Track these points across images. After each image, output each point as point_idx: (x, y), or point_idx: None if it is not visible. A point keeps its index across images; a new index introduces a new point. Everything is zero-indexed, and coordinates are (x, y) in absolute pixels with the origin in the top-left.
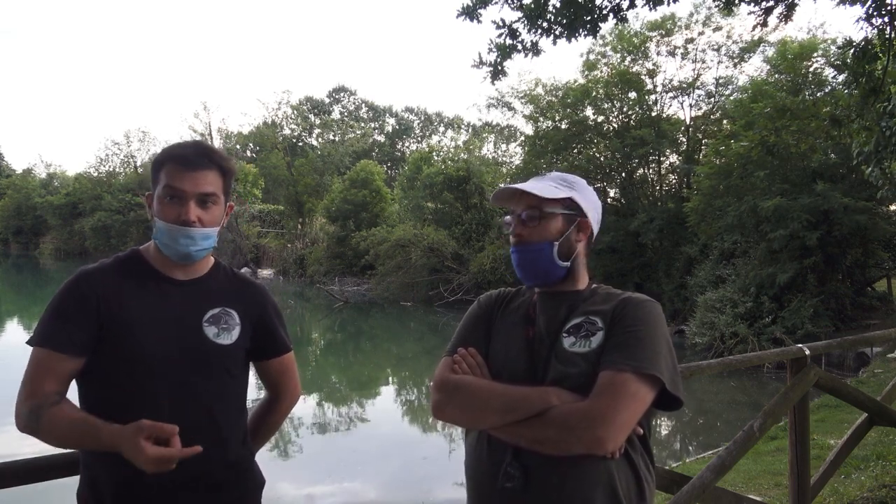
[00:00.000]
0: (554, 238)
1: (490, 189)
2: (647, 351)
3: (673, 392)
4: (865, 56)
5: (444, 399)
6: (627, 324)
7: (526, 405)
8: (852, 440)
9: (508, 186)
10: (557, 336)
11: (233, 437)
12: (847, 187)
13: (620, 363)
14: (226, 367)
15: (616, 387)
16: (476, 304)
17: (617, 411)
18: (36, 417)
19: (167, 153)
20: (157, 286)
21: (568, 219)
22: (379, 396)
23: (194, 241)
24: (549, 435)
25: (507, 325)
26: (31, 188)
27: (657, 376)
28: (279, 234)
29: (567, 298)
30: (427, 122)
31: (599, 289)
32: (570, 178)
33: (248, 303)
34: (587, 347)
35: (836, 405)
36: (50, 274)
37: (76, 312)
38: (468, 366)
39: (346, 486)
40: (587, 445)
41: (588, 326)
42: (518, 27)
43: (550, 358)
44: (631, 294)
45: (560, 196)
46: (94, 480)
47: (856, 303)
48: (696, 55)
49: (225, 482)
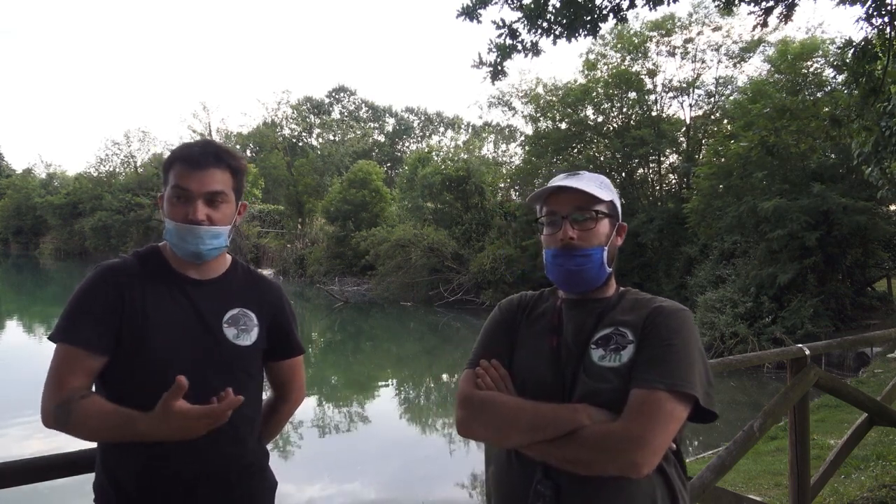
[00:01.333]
0: (604, 242)
1: (490, 189)
2: (681, 366)
3: (707, 407)
4: (865, 56)
5: (469, 416)
6: (660, 337)
7: (555, 424)
8: (852, 440)
9: (562, 182)
10: (585, 348)
11: (250, 437)
12: (847, 187)
13: (654, 381)
14: (245, 368)
15: (650, 407)
16: (497, 310)
17: (653, 434)
18: (66, 412)
19: (175, 154)
20: (177, 286)
21: (612, 222)
22: (379, 396)
23: (202, 240)
24: (582, 456)
25: (531, 334)
26: (31, 188)
27: (692, 394)
28: (279, 234)
29: (595, 306)
30: (427, 122)
31: (627, 294)
32: (606, 179)
33: (266, 303)
34: (617, 362)
35: (836, 405)
36: (50, 274)
37: (101, 309)
38: (492, 379)
39: (346, 486)
40: (622, 468)
41: (618, 339)
42: (518, 27)
43: (579, 371)
44: (662, 303)
45: (607, 198)
46: (113, 473)
47: (856, 303)
48: (695, 55)
49: (241, 481)
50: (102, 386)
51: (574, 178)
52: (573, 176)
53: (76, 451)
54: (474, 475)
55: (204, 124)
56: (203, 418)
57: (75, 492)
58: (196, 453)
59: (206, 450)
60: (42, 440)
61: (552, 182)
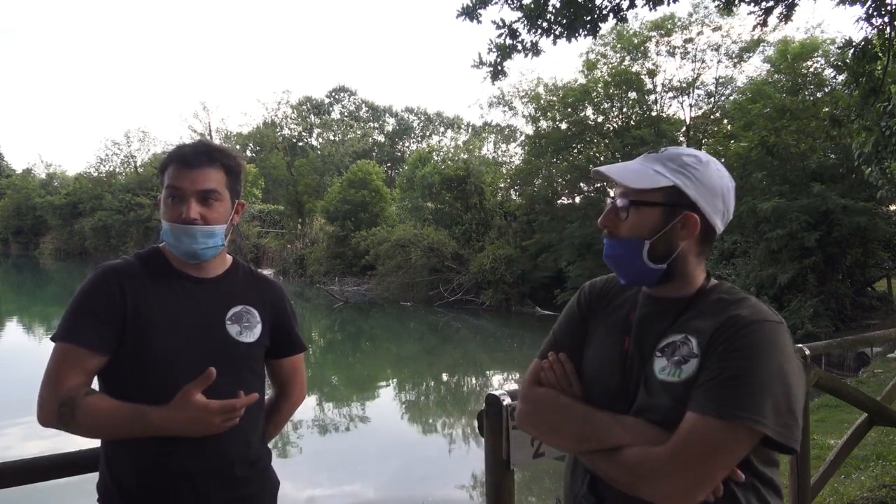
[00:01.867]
0: (647, 235)
1: (490, 189)
2: (745, 392)
3: (782, 441)
4: (865, 56)
5: (525, 412)
6: (726, 354)
7: (599, 437)
8: (852, 440)
9: (598, 168)
10: (651, 354)
11: (254, 434)
12: (847, 187)
13: (708, 406)
14: (249, 365)
15: (700, 436)
16: (576, 297)
17: (697, 466)
18: (70, 409)
19: (169, 155)
20: (180, 285)
21: (668, 212)
22: (379, 396)
23: (196, 240)
24: (621, 477)
25: (605, 328)
26: (31, 188)
27: (754, 427)
28: (279, 234)
29: (670, 305)
30: (427, 122)
31: (714, 293)
32: (687, 158)
33: (267, 301)
34: (677, 377)
35: (836, 405)
36: (50, 274)
37: (102, 309)
38: (557, 374)
39: (346, 486)
40: (658, 497)
41: (683, 349)
42: (518, 27)
43: (640, 381)
44: (741, 310)
45: (659, 185)
46: (116, 472)
47: (856, 303)
48: (695, 55)
49: (245, 479)
50: (104, 386)
51: (642, 161)
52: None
53: (77, 451)
54: (474, 475)
55: (204, 124)
56: (222, 413)
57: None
58: (201, 451)
59: (211, 447)
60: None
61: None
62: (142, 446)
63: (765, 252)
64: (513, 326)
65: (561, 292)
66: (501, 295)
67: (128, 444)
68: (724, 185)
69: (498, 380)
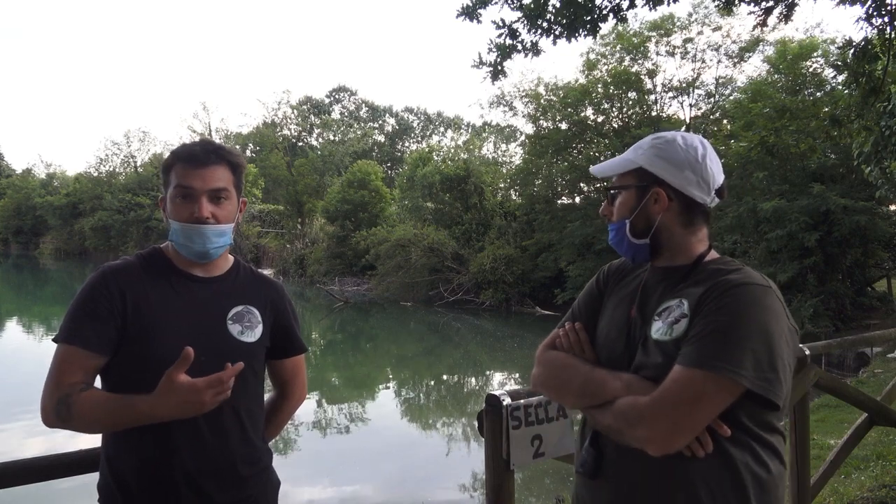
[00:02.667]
0: (627, 215)
1: (490, 189)
2: (726, 346)
3: (761, 393)
4: (865, 56)
5: (538, 373)
6: (711, 311)
7: (599, 391)
8: (852, 440)
9: (591, 169)
10: (650, 318)
11: (255, 434)
12: (847, 187)
13: (692, 359)
14: (250, 365)
15: (681, 385)
16: (596, 276)
17: (677, 413)
18: (67, 406)
19: (175, 154)
20: (181, 285)
21: (640, 191)
22: (379, 396)
23: (209, 239)
24: (612, 424)
25: (617, 301)
26: (31, 188)
27: (734, 379)
28: (279, 234)
29: (670, 275)
30: (427, 122)
31: (711, 264)
32: (654, 139)
33: (268, 301)
34: (669, 336)
35: (836, 405)
36: (50, 274)
37: (104, 309)
38: (571, 341)
39: (346, 486)
40: (640, 442)
41: (677, 311)
42: (518, 27)
43: (640, 344)
44: (732, 274)
45: (627, 169)
46: (117, 472)
47: (856, 303)
48: (695, 55)
49: (246, 478)
50: (106, 385)
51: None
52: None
53: (78, 452)
54: (475, 475)
55: (204, 124)
56: (210, 388)
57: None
58: (203, 449)
59: (212, 445)
60: (43, 440)
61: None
62: (142, 445)
63: (765, 252)
64: (513, 326)
65: (561, 292)
66: (501, 295)
67: (128, 443)
68: (689, 156)
69: (498, 380)
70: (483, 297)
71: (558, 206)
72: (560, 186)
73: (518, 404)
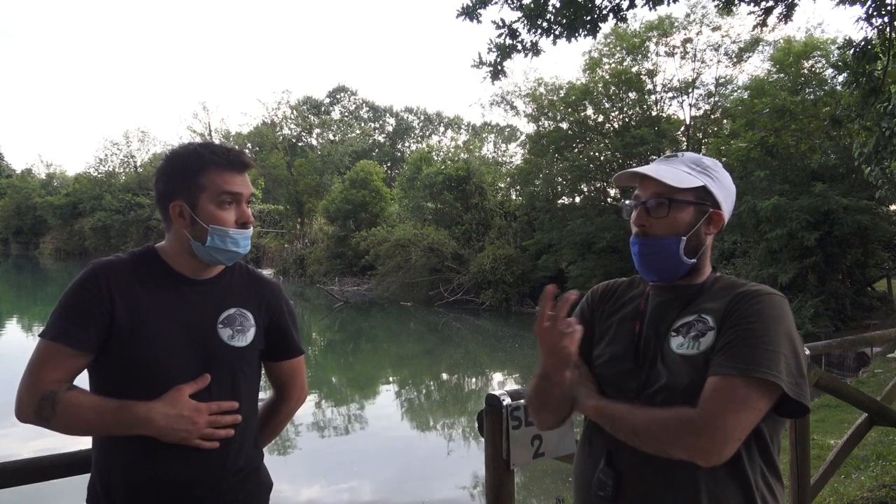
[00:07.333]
0: (682, 232)
1: (490, 189)
2: (760, 351)
3: (795, 398)
4: (865, 56)
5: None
6: (740, 321)
7: None
8: (852, 440)
9: (633, 169)
10: (666, 335)
11: (246, 438)
12: (847, 187)
13: (728, 367)
14: (241, 370)
15: (722, 393)
16: (581, 303)
17: (724, 420)
18: (51, 404)
19: (207, 158)
20: (173, 286)
21: (699, 210)
22: (379, 396)
23: (249, 242)
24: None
25: (618, 319)
26: (31, 188)
27: (772, 381)
28: (279, 234)
29: (682, 293)
30: (427, 122)
31: (720, 281)
32: (707, 161)
33: (264, 303)
34: (696, 350)
35: (836, 405)
36: (50, 274)
37: (89, 307)
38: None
39: (346, 486)
40: (689, 452)
41: (699, 326)
42: (518, 27)
43: (657, 359)
44: (749, 286)
45: (693, 185)
46: (104, 476)
47: (856, 303)
48: (695, 55)
49: (237, 482)
50: (93, 384)
51: (664, 163)
52: (668, 160)
53: (76, 451)
54: (475, 475)
55: (204, 124)
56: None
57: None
58: (188, 454)
59: (200, 449)
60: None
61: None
62: (130, 451)
63: (765, 252)
64: (513, 326)
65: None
66: (501, 295)
67: (116, 449)
68: (732, 187)
69: (498, 380)
70: (483, 298)
71: (558, 206)
72: (560, 186)
73: (518, 404)
